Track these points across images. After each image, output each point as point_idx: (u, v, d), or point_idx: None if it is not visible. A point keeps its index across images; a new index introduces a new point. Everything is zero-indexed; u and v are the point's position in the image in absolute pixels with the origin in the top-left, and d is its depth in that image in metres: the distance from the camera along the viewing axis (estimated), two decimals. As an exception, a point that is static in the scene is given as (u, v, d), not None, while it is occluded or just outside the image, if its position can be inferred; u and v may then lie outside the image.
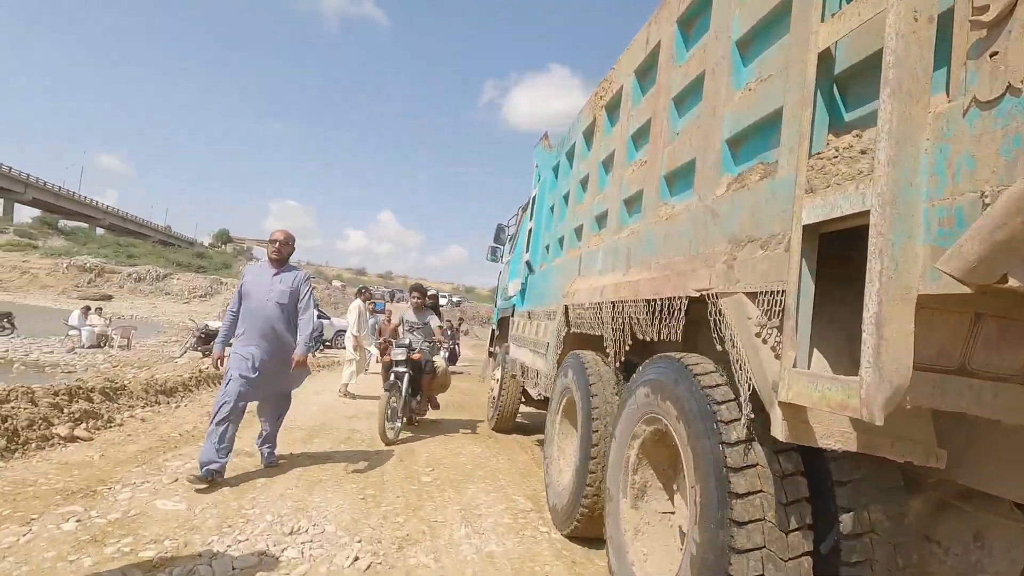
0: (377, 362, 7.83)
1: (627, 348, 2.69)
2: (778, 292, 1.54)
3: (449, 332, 8.09)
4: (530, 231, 5.57)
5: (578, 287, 3.58)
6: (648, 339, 2.38)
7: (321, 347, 13.90)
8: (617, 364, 2.75)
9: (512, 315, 6.19)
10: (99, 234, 58.40)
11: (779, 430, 1.47)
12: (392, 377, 5.53)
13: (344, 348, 9.10)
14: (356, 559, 2.73)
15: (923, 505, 1.87)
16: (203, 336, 13.10)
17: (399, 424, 5.43)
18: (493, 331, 7.78)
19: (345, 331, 15.33)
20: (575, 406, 3.27)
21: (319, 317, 14.18)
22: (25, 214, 54.98)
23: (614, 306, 2.72)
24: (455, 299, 43.70)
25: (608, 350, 2.84)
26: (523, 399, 6.15)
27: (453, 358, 12.77)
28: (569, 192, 4.33)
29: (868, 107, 1.46)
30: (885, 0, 1.26)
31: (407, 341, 5.72)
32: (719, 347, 1.81)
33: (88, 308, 16.26)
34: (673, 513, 2.31)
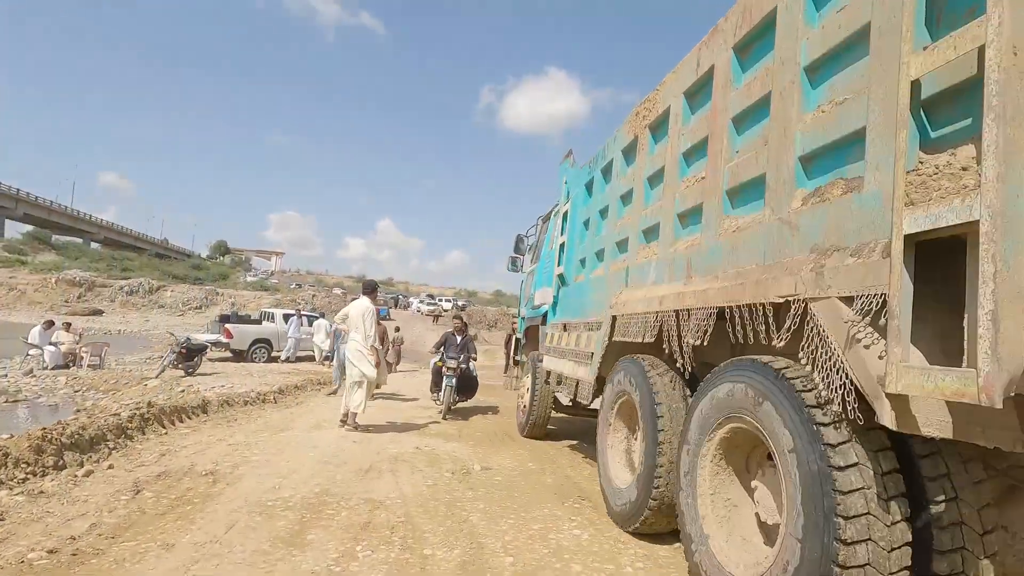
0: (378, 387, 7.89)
1: (691, 353, 2.84)
2: (876, 295, 1.69)
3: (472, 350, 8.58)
4: (562, 245, 5.73)
5: (627, 298, 3.73)
6: (705, 344, 2.54)
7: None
8: (685, 368, 2.89)
9: (542, 325, 6.34)
10: (93, 248, 58.10)
11: (887, 419, 1.62)
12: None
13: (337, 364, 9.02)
14: None
15: (995, 492, 2.02)
16: (184, 351, 11.71)
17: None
18: (519, 340, 7.92)
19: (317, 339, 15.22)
20: (632, 409, 3.40)
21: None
22: (19, 230, 54.60)
23: (679, 314, 2.87)
24: (460, 303, 43.69)
25: (672, 355, 2.99)
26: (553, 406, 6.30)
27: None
28: (608, 207, 4.50)
29: (955, 126, 1.64)
30: (982, 36, 1.44)
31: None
32: (805, 349, 1.96)
33: (51, 323, 14.02)
34: (749, 503, 2.45)
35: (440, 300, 49.57)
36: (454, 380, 7.83)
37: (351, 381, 6.39)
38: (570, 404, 6.79)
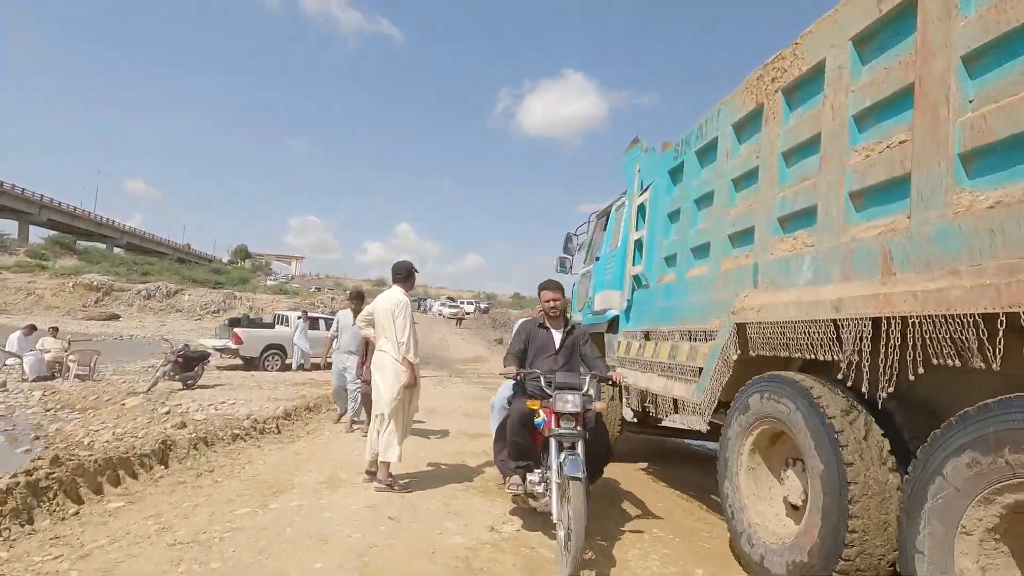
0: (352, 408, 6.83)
1: (893, 374, 2.11)
2: None
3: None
4: (638, 241, 5.01)
5: (759, 302, 3.00)
6: (966, 365, 1.80)
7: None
8: (881, 393, 2.15)
9: (608, 333, 5.61)
10: (116, 253, 58.44)
11: None
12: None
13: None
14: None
15: None
16: (181, 360, 9.87)
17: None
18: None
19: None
20: (786, 439, 2.67)
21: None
22: (44, 235, 55.02)
23: (882, 323, 2.14)
24: (483, 305, 42.80)
25: (854, 377, 2.26)
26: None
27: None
28: (711, 193, 3.77)
29: None
30: None
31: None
32: None
33: (33, 328, 12.52)
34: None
35: (461, 303, 48.79)
36: (579, 449, 3.03)
37: (377, 412, 4.28)
38: (633, 421, 6.11)
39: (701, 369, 3.57)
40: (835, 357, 2.43)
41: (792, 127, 3.00)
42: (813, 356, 2.55)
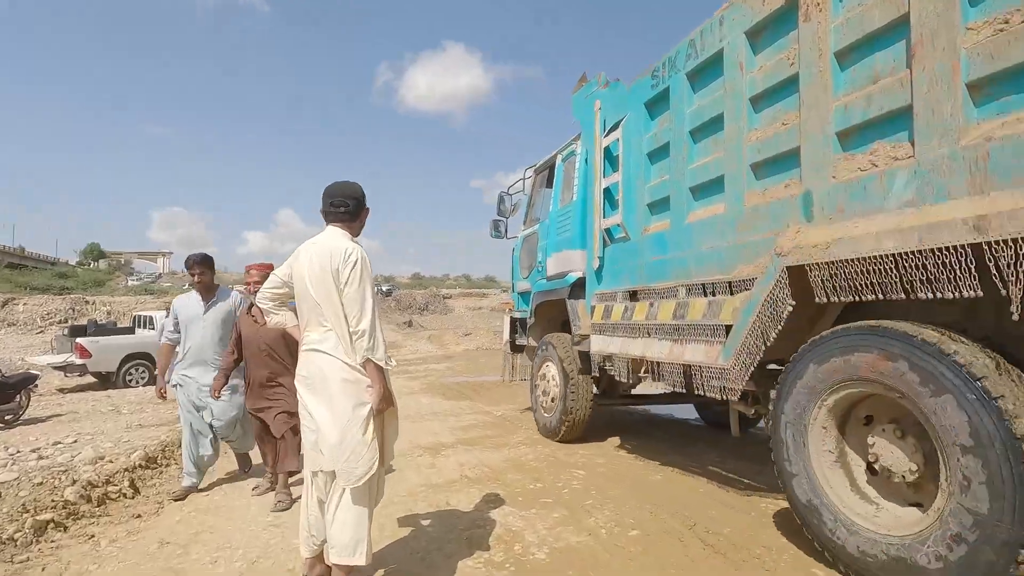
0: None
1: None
2: None
3: None
4: (607, 189, 4.33)
5: (822, 237, 2.42)
6: None
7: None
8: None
9: (571, 300, 4.93)
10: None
11: None
12: None
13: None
14: None
15: None
16: None
17: None
18: (519, 322, 6.45)
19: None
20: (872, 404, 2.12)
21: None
22: None
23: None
24: (385, 288, 40.47)
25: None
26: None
27: None
28: (723, 116, 3.14)
29: None
30: None
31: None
32: None
33: None
34: None
35: None
36: None
37: (316, 467, 2.28)
38: (598, 393, 5.55)
39: (728, 327, 2.98)
40: (964, 293, 1.89)
41: (856, 14, 2.39)
42: (929, 295, 2.01)
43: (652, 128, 3.90)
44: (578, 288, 4.90)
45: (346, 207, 2.38)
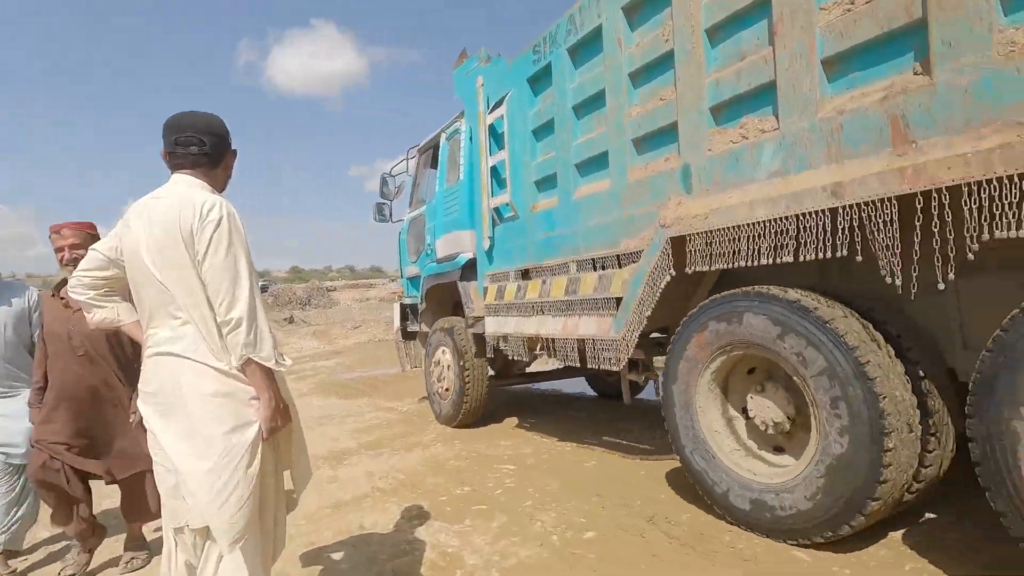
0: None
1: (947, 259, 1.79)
2: None
3: None
4: (494, 167, 4.25)
5: (700, 208, 2.54)
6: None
7: None
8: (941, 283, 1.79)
9: (463, 282, 4.83)
10: None
11: None
12: None
13: None
14: None
15: None
16: None
17: None
18: (409, 308, 6.22)
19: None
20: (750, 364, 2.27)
21: None
22: None
23: (917, 199, 1.78)
24: (261, 283, 37.35)
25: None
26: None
27: None
28: (604, 92, 3.17)
29: None
30: None
31: None
32: None
33: None
34: None
35: None
36: None
37: (179, 522, 1.62)
38: (493, 374, 5.54)
39: (619, 300, 3.06)
40: (827, 255, 2.07)
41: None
42: (796, 258, 2.17)
43: (536, 104, 3.87)
44: (469, 270, 4.81)
45: (200, 145, 1.68)
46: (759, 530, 2.40)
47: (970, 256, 1.67)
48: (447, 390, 5.13)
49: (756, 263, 2.33)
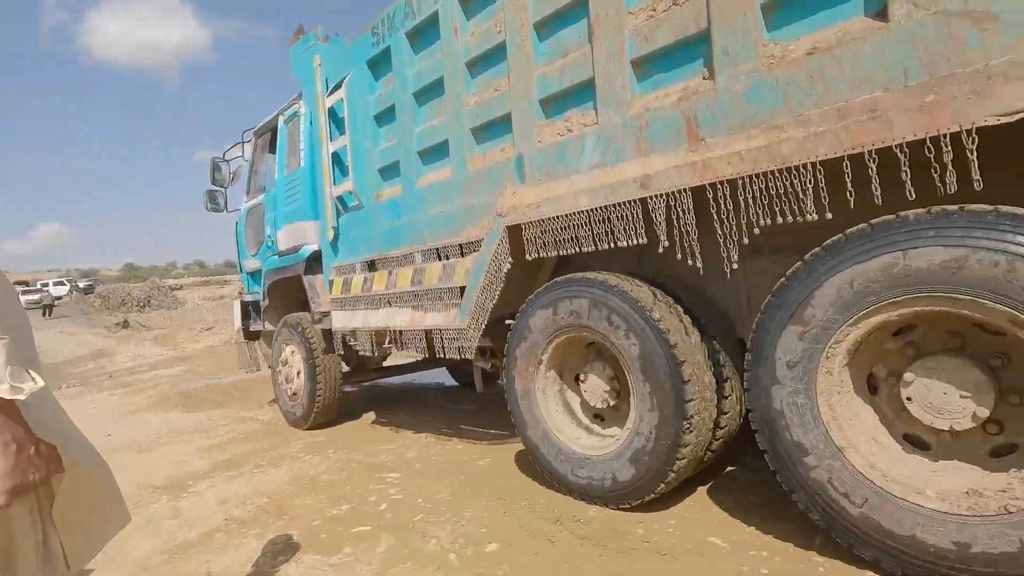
0: None
1: (734, 240, 2.03)
2: None
3: None
4: (335, 154, 4.04)
5: (532, 198, 2.64)
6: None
7: None
8: (732, 264, 2.03)
9: (308, 275, 4.55)
10: None
11: None
12: None
13: None
14: None
15: None
16: None
17: None
18: (251, 305, 5.71)
19: None
20: (585, 349, 2.43)
21: None
22: None
23: (707, 191, 1.99)
24: (82, 284, 31.84)
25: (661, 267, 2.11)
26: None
27: None
28: (443, 80, 3.15)
29: None
30: None
31: None
32: None
33: None
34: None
35: (44, 285, 35.74)
36: None
37: None
38: (350, 370, 5.33)
39: (463, 289, 3.08)
40: (638, 241, 2.25)
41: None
42: (615, 245, 2.34)
43: (377, 89, 3.74)
44: (314, 262, 4.55)
45: None
46: (598, 501, 2.56)
47: (745, 241, 1.92)
48: (295, 394, 4.83)
49: (583, 250, 2.48)
